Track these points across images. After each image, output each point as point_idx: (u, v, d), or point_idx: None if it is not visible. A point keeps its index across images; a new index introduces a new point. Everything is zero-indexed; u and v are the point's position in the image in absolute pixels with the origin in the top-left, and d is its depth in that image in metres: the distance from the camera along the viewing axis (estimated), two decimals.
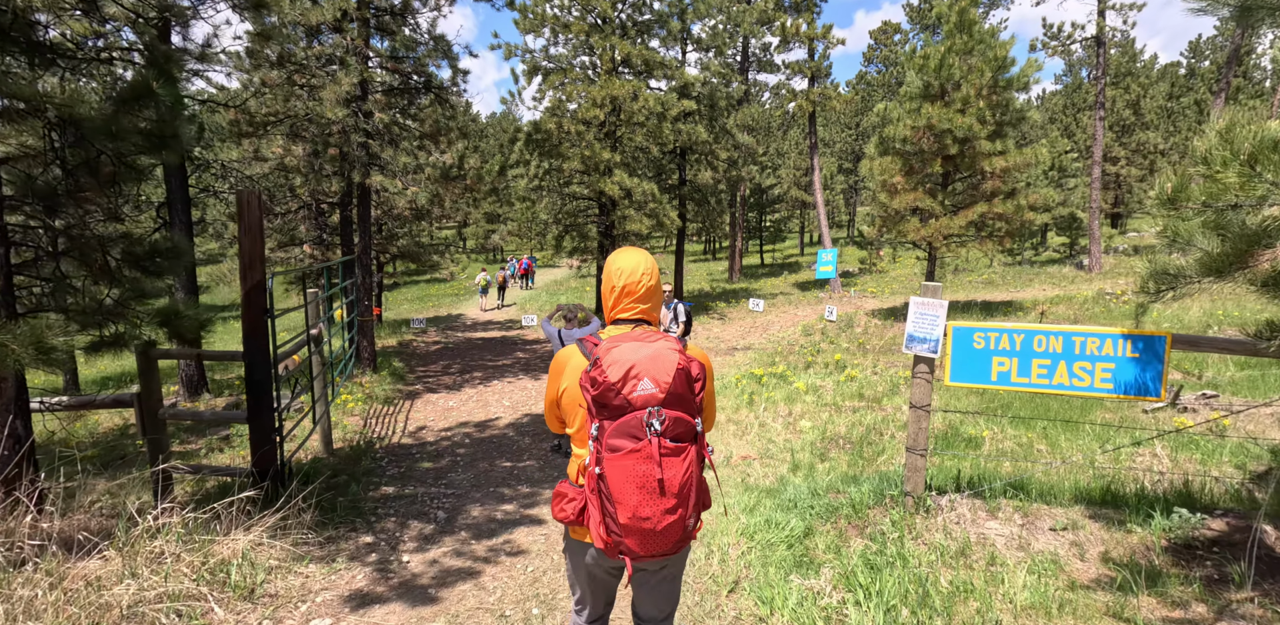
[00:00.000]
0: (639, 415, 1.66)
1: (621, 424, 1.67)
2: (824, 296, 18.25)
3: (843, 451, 6.44)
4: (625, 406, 1.67)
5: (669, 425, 1.67)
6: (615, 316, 1.98)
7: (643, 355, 1.70)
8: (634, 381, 1.67)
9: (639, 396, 1.67)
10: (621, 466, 1.66)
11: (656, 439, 1.65)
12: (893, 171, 12.16)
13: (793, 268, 31.30)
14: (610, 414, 1.69)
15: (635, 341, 1.75)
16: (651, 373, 1.68)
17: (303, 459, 6.63)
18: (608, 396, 1.67)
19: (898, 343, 11.56)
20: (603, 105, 12.96)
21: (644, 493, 1.65)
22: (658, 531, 1.68)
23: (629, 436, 1.66)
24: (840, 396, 8.22)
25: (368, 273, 10.59)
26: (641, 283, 1.94)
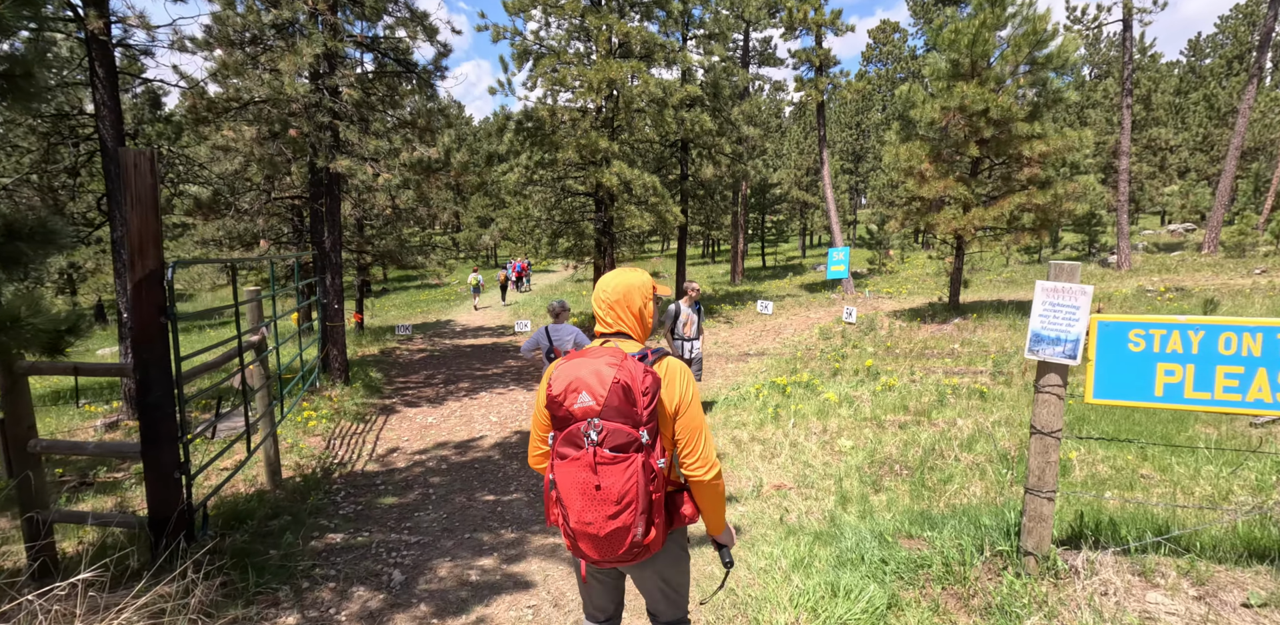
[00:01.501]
0: (580, 426, 1.74)
1: (567, 434, 1.77)
2: (836, 298, 17.12)
3: (899, 479, 5.28)
4: (569, 417, 1.76)
5: (606, 436, 1.73)
6: (597, 332, 2.07)
7: (585, 371, 1.77)
8: (574, 394, 1.75)
9: (578, 408, 1.75)
10: (566, 472, 1.77)
11: (593, 448, 1.73)
12: (920, 157, 11.05)
13: (797, 269, 30.20)
14: (559, 424, 1.80)
15: (583, 357, 1.82)
16: (589, 387, 1.74)
17: (240, 493, 5.44)
18: (554, 408, 1.78)
19: (930, 347, 10.42)
20: (600, 90, 11.85)
21: (585, 499, 1.74)
22: (602, 537, 1.76)
23: (572, 445, 1.76)
24: (881, 409, 7.06)
25: (337, 273, 9.41)
26: (604, 298, 2.04)
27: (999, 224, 11.14)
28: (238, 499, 5.21)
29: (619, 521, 1.74)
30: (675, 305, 7.32)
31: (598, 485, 1.72)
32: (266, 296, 5.61)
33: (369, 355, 13.51)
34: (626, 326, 2.03)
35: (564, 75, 12.30)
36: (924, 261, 26.23)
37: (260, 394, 5.66)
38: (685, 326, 7.23)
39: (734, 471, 5.83)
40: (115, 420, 8.70)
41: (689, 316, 7.26)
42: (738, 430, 6.93)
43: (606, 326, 2.03)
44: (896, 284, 20.12)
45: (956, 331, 11.20)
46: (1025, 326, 11.18)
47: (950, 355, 9.83)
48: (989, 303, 13.37)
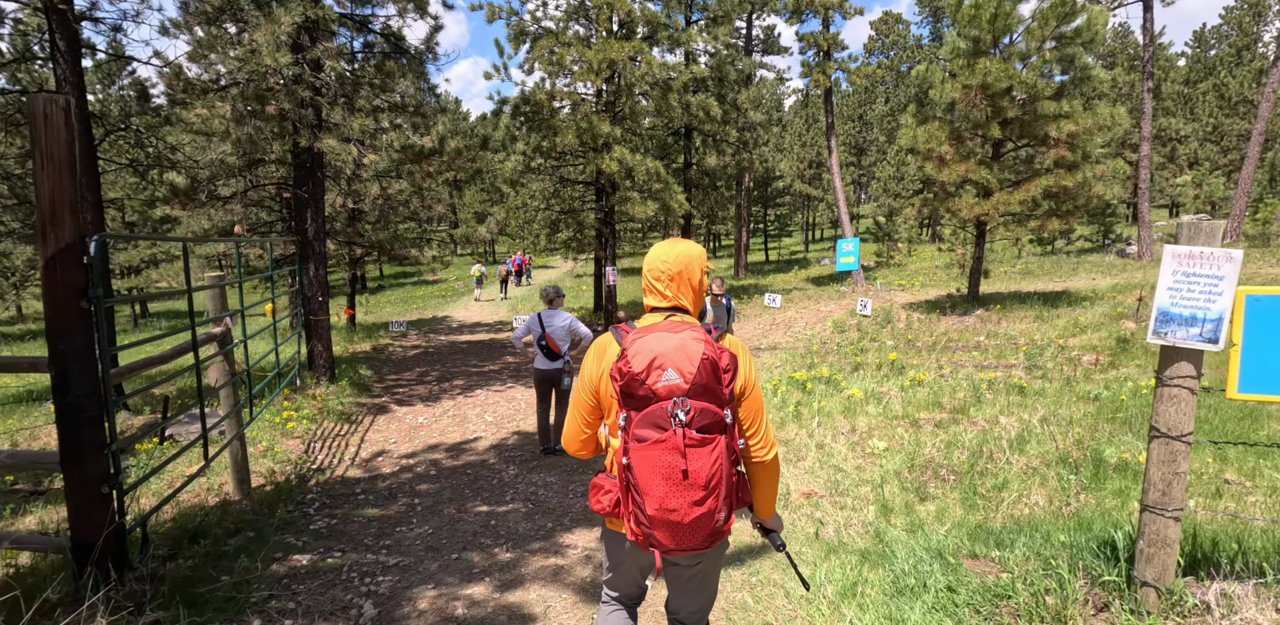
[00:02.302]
0: (664, 405, 1.61)
1: (647, 414, 1.62)
2: (846, 290, 16.51)
3: (947, 485, 4.67)
4: (650, 397, 1.63)
5: (694, 416, 1.61)
6: (649, 305, 1.92)
7: (668, 345, 1.65)
8: (658, 371, 1.62)
9: (663, 387, 1.62)
10: (647, 457, 1.62)
11: (681, 430, 1.60)
12: (940, 139, 10.42)
13: (801, 263, 29.57)
14: (636, 404, 1.65)
15: (662, 331, 1.70)
16: (676, 363, 1.63)
17: (203, 504, 4.83)
18: (633, 386, 1.64)
19: (954, 339, 9.80)
20: (600, 72, 11.20)
21: (670, 484, 1.60)
22: (685, 524, 1.63)
23: (654, 427, 1.62)
24: (913, 406, 6.45)
25: (321, 263, 8.78)
26: (664, 269, 1.87)
27: (1024, 209, 10.51)
28: (196, 513, 4.59)
29: (704, 507, 1.63)
30: None
31: (685, 469, 1.60)
32: (232, 284, 4.99)
33: (360, 352, 12.90)
34: (687, 301, 1.89)
35: (562, 56, 11.65)
36: (932, 254, 25.60)
37: (225, 393, 5.04)
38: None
39: None
40: None
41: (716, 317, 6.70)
42: None
43: (663, 300, 1.88)
44: (906, 277, 19.50)
45: (979, 324, 10.59)
46: (1052, 318, 10.59)
47: (976, 348, 9.22)
48: (1009, 294, 12.75)
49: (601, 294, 15.22)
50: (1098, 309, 10.41)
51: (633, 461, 1.64)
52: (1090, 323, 9.61)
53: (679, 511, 1.61)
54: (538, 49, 12.21)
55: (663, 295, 1.88)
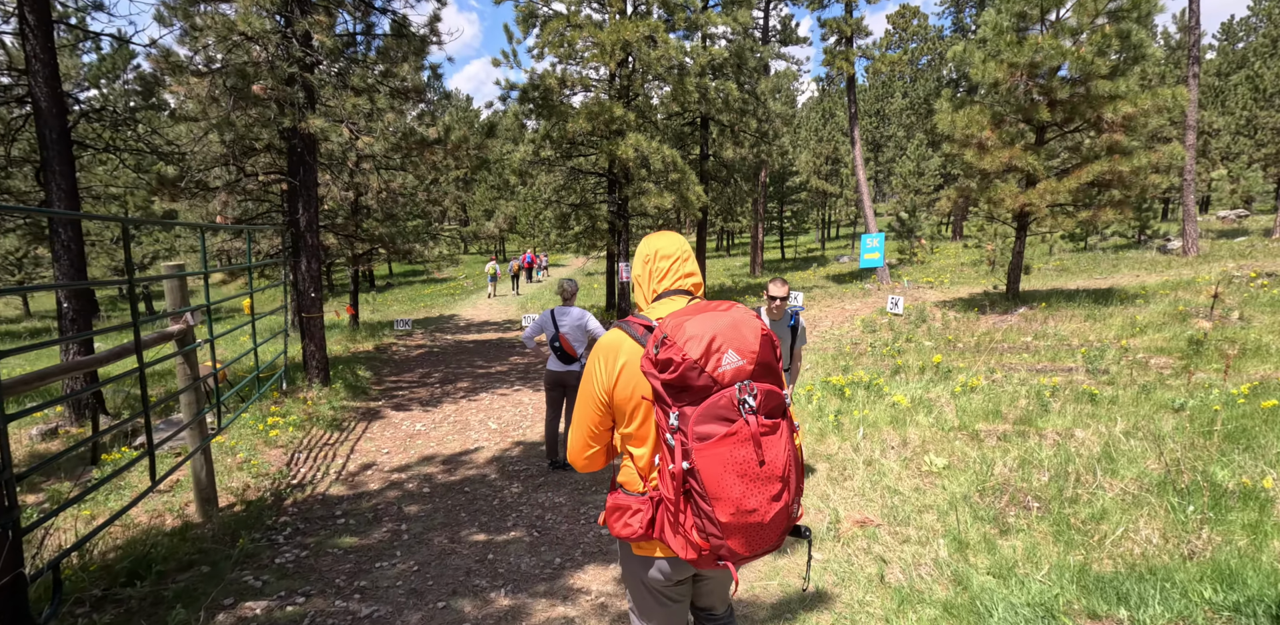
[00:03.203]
0: (728, 393, 1.41)
1: (709, 407, 1.40)
2: (870, 288, 15.71)
3: (1030, 514, 3.92)
4: (711, 385, 1.41)
5: (762, 400, 1.43)
6: (664, 289, 1.75)
7: (722, 324, 1.46)
8: (717, 355, 1.42)
9: (726, 371, 1.42)
10: (716, 455, 1.39)
11: (753, 417, 1.41)
12: (980, 124, 9.62)
13: (819, 261, 28.73)
14: (693, 397, 1.42)
15: (707, 311, 1.50)
16: (735, 343, 1.44)
17: (161, 527, 4.18)
18: (689, 377, 1.41)
19: (997, 340, 9.02)
20: (613, 54, 10.50)
21: (746, 481, 1.40)
22: (765, 524, 1.44)
23: (719, 420, 1.40)
24: (969, 416, 5.69)
25: (314, 255, 8.14)
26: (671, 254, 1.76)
27: (1074, 198, 9.69)
28: (147, 540, 3.94)
29: (782, 502, 1.46)
30: None
31: (762, 461, 1.41)
32: (195, 274, 4.32)
33: (362, 351, 12.28)
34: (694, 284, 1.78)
35: (574, 38, 10.96)
36: (956, 251, 24.68)
37: (187, 399, 4.38)
38: None
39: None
40: (54, 427, 7.48)
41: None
42: None
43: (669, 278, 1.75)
44: (932, 274, 18.65)
45: (1024, 323, 9.78)
46: (1104, 317, 9.76)
47: (1026, 350, 8.43)
48: (1049, 292, 11.92)
49: (614, 291, 14.55)
50: (1154, 307, 9.57)
51: (698, 464, 1.40)
52: (1149, 322, 8.79)
53: (759, 511, 1.43)
54: (548, 31, 11.53)
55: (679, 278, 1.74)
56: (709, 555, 1.48)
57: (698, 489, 1.41)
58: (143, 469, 5.69)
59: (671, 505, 1.47)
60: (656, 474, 1.56)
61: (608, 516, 1.66)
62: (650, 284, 1.78)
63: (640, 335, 1.60)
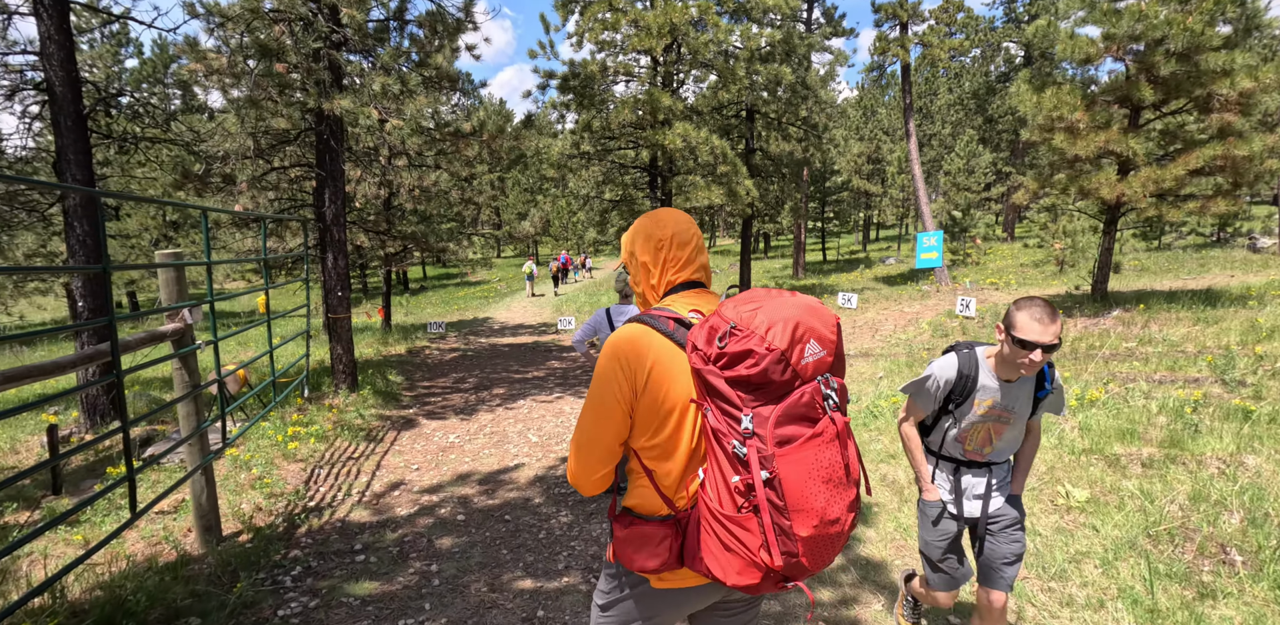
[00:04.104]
0: (810, 389, 1.22)
1: (791, 405, 1.21)
2: (929, 290, 14.67)
3: (1234, 571, 3.03)
4: (793, 380, 1.22)
5: (842, 395, 1.28)
6: (680, 279, 1.51)
7: (798, 311, 1.25)
8: (800, 345, 1.22)
9: (810, 363, 1.24)
10: (801, 461, 1.19)
11: (838, 415, 1.24)
12: (1072, 105, 8.62)
13: (864, 263, 27.59)
14: (770, 396, 1.22)
15: (770, 295, 1.29)
16: (815, 330, 1.25)
17: (157, 559, 3.54)
18: (773, 371, 1.20)
19: (1095, 346, 8.01)
20: (661, 36, 9.78)
21: (832, 487, 1.21)
22: (844, 533, 1.25)
23: (803, 420, 1.22)
24: (1100, 437, 4.77)
25: (340, 251, 7.56)
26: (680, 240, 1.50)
27: (1177, 186, 8.62)
28: (134, 579, 3.29)
29: (856, 509, 1.28)
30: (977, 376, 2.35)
31: (847, 464, 1.24)
32: (195, 264, 3.69)
33: (393, 355, 11.74)
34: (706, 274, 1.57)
35: (617, 22, 10.26)
36: (1014, 251, 23.35)
37: (184, 411, 3.75)
38: (983, 436, 2.31)
39: (905, 540, 3.67)
40: (68, 433, 7.01)
41: (996, 405, 2.26)
42: (887, 465, 4.73)
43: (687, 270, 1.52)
44: (993, 275, 17.48)
45: (1120, 327, 8.73)
46: (1216, 320, 8.66)
47: (1132, 357, 7.42)
48: (1138, 293, 10.79)
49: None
50: (1273, 310, 8.45)
51: (782, 472, 1.19)
52: (1276, 326, 7.69)
53: (841, 520, 1.23)
54: (588, 16, 10.86)
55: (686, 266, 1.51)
56: (775, 576, 1.27)
57: (776, 502, 1.21)
58: (149, 484, 5.12)
59: (730, 523, 1.26)
60: (700, 489, 1.34)
61: (620, 549, 1.43)
62: (662, 273, 1.52)
63: (671, 330, 1.38)
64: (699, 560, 1.33)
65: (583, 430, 1.42)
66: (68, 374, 3.22)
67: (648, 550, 1.37)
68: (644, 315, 1.42)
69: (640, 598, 1.47)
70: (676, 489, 1.38)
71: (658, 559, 1.37)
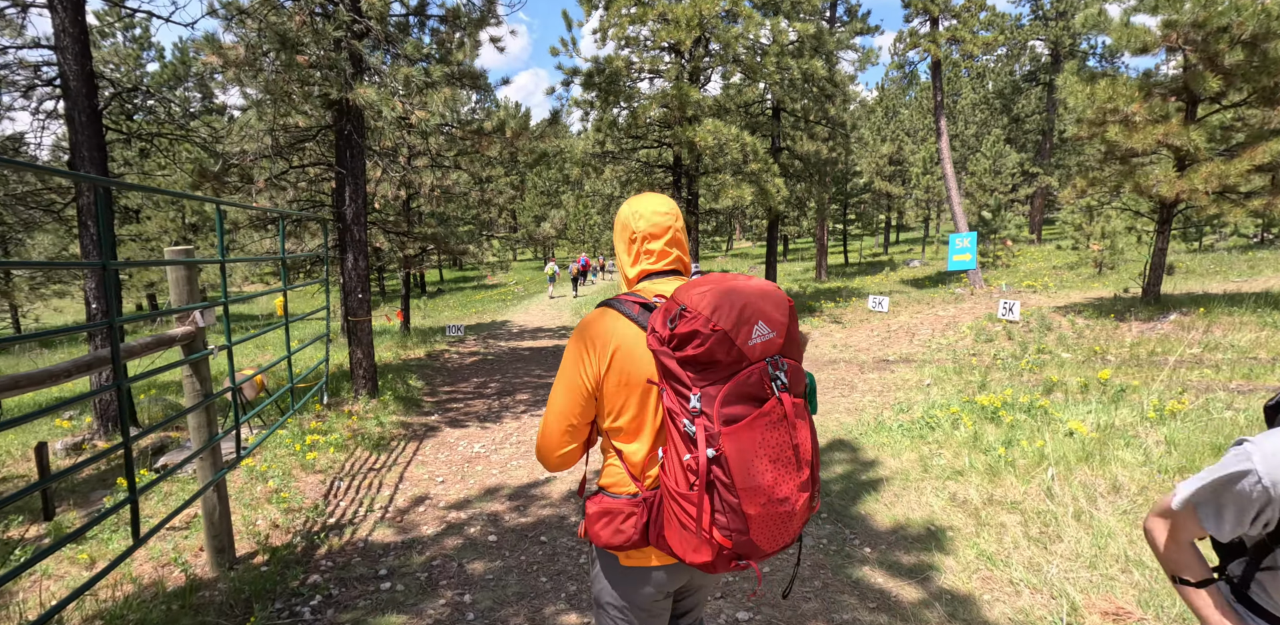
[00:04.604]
0: (758, 369, 1.26)
1: (738, 385, 1.24)
2: (962, 293, 14.16)
3: None
4: (739, 361, 1.25)
5: (792, 377, 1.30)
6: (647, 269, 1.55)
7: (750, 292, 1.29)
8: (747, 326, 1.25)
9: (757, 344, 1.27)
10: (747, 439, 1.23)
11: (786, 395, 1.26)
12: (1128, 96, 8.16)
13: (888, 265, 27.04)
14: (718, 375, 1.25)
15: (724, 279, 1.31)
16: (764, 314, 1.28)
17: (159, 585, 3.23)
18: (717, 352, 1.24)
19: (1156, 352, 7.53)
20: (690, 29, 9.43)
21: (779, 467, 1.25)
22: (795, 514, 1.28)
23: (749, 399, 1.25)
24: (1189, 452, 4.33)
25: (361, 251, 7.28)
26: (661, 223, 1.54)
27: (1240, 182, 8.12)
28: (136, 608, 2.98)
29: (809, 492, 1.31)
30: None
31: (795, 444, 1.27)
32: (208, 262, 3.38)
33: (413, 359, 11.48)
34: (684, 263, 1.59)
35: (644, 14, 9.93)
36: (1045, 253, 22.72)
37: (195, 421, 3.44)
38: None
39: (992, 570, 3.27)
40: (80, 440, 6.78)
41: None
42: (956, 483, 4.32)
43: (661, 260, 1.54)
44: (1027, 278, 16.92)
45: (1180, 332, 8.23)
46: None
47: (1204, 364, 6.93)
48: (1192, 296, 10.26)
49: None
50: None
51: (727, 450, 1.22)
52: None
53: (790, 500, 1.26)
54: (615, 9, 10.55)
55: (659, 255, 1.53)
56: (728, 555, 1.28)
57: (723, 479, 1.23)
58: (160, 496, 4.83)
59: (684, 501, 1.27)
60: (658, 469, 1.38)
61: (590, 525, 1.46)
62: (635, 263, 1.57)
63: (635, 314, 1.41)
64: (662, 539, 1.35)
65: (550, 408, 1.48)
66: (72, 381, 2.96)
67: (613, 526, 1.41)
68: (611, 299, 1.46)
69: (611, 574, 1.52)
70: (644, 469, 1.41)
71: (622, 535, 1.40)
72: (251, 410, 5.52)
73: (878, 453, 5.08)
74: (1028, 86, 33.37)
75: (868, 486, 4.48)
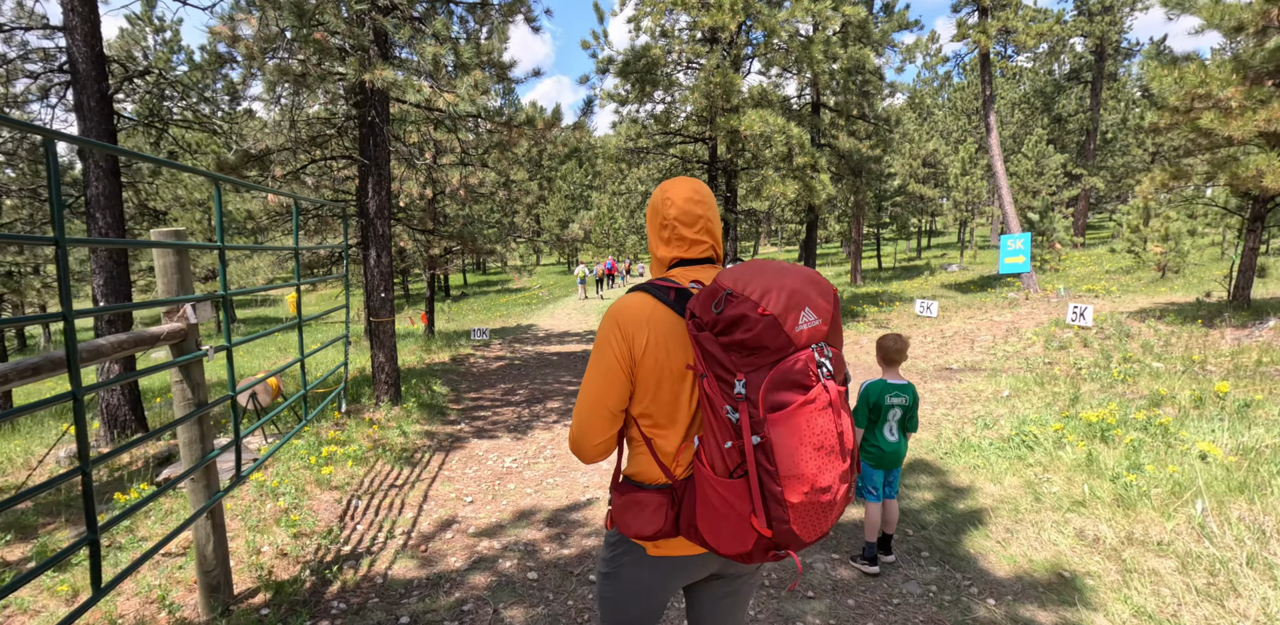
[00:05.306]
0: (804, 355, 1.21)
1: (783, 371, 1.20)
2: (1016, 297, 13.33)
3: None
4: (786, 347, 1.20)
5: (836, 364, 1.27)
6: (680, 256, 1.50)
7: (797, 277, 1.26)
8: (795, 312, 1.21)
9: (804, 330, 1.22)
10: (793, 426, 1.18)
11: (831, 383, 1.22)
12: (1221, 81, 7.38)
13: (926, 269, 26.09)
14: (766, 360, 1.21)
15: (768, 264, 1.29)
16: (810, 299, 1.24)
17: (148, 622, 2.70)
18: (765, 337, 1.19)
19: (1265, 361, 6.71)
20: (734, 13, 8.84)
21: (823, 455, 1.20)
22: (835, 503, 1.23)
23: (795, 386, 1.20)
24: None
25: (384, 247, 6.78)
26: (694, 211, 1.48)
27: None
28: None
29: (849, 480, 1.27)
30: None
31: (841, 433, 1.22)
32: (203, 247, 2.86)
33: (437, 363, 11.00)
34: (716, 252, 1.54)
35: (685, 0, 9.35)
36: (1092, 257, 21.66)
37: (186, 435, 2.90)
38: None
39: None
40: None
41: None
42: (1079, 516, 3.63)
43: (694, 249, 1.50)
44: (1082, 282, 15.98)
45: None
46: None
47: None
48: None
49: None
50: None
51: (772, 437, 1.18)
52: None
53: (833, 489, 1.21)
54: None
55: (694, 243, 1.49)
56: (765, 544, 1.26)
57: (767, 467, 1.20)
58: (160, 515, 4.32)
59: (723, 489, 1.25)
60: (695, 456, 1.32)
61: (618, 515, 1.44)
62: (667, 250, 1.52)
63: (672, 300, 1.38)
64: (694, 529, 1.33)
65: (585, 394, 1.42)
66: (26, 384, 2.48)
67: (644, 517, 1.38)
68: (645, 284, 1.42)
69: (637, 564, 1.47)
70: (674, 458, 1.39)
71: (653, 526, 1.37)
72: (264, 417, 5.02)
73: (971, 476, 4.40)
74: (1069, 85, 32.22)
75: (969, 518, 3.81)
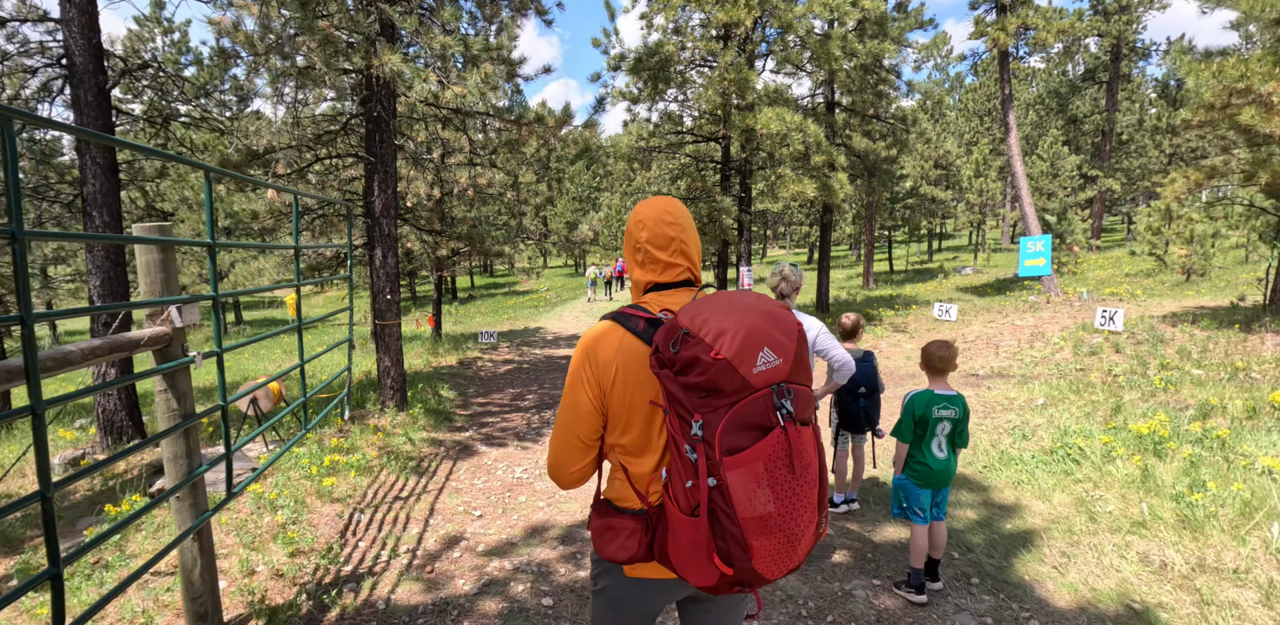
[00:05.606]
0: (762, 397, 1.16)
1: (740, 413, 1.16)
2: (1037, 301, 12.99)
3: None
4: (742, 389, 1.16)
5: (799, 403, 1.20)
6: (654, 280, 1.46)
7: (756, 315, 1.20)
8: (752, 352, 1.16)
9: (763, 372, 1.17)
10: (750, 471, 1.14)
11: (791, 425, 1.17)
12: (1263, 74, 7.06)
13: (939, 273, 25.71)
14: (722, 402, 1.16)
15: (731, 300, 1.23)
16: (770, 337, 1.18)
17: None
18: (721, 380, 1.14)
19: None
20: (750, 7, 8.58)
21: (782, 499, 1.16)
22: (799, 542, 1.18)
23: (752, 428, 1.16)
24: None
25: (390, 247, 6.54)
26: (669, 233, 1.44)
27: None
28: None
29: (815, 520, 1.21)
30: None
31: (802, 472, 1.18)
32: (196, 243, 2.61)
33: (444, 366, 10.76)
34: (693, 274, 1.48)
35: None
36: (1110, 260, 21.26)
37: (171, 450, 2.65)
38: None
39: None
40: (82, 453, 6.12)
41: None
42: (1141, 539, 3.33)
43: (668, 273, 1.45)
44: (1103, 285, 15.61)
45: None
46: None
47: None
48: None
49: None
50: None
51: (729, 481, 1.14)
52: None
53: (794, 531, 1.16)
54: None
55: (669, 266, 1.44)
56: (728, 581, 1.22)
57: (724, 508, 1.15)
58: (152, 529, 4.08)
59: (686, 525, 1.21)
60: (664, 489, 1.30)
61: (595, 538, 1.42)
62: (641, 273, 1.47)
63: (641, 330, 1.34)
64: (665, 556, 1.31)
65: (558, 425, 1.41)
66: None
67: (618, 542, 1.36)
68: (616, 312, 1.39)
69: (617, 584, 1.46)
70: (649, 485, 1.36)
71: (626, 551, 1.35)
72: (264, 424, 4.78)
73: (1016, 493, 4.10)
74: (1084, 85, 31.80)
75: (1019, 540, 3.52)
